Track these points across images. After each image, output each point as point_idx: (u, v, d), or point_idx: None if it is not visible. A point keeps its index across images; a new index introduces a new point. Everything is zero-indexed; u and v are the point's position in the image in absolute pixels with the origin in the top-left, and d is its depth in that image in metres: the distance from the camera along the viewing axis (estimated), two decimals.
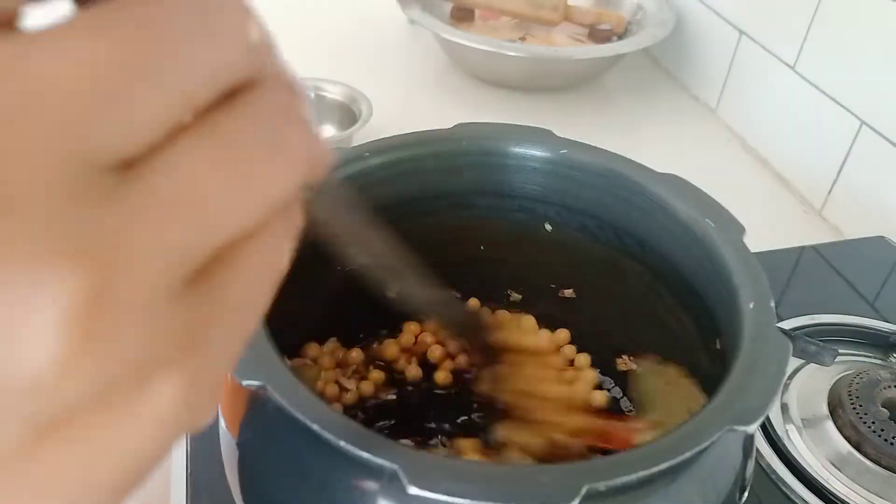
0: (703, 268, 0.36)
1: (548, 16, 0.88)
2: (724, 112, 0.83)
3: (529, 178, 0.42)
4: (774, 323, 0.31)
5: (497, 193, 0.43)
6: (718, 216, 0.36)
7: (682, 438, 0.26)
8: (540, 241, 0.44)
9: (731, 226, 0.36)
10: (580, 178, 0.41)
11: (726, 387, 0.28)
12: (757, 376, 0.29)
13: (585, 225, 0.42)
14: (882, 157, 0.62)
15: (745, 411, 0.27)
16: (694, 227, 0.37)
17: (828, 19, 0.67)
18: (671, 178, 0.39)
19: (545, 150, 0.41)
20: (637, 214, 0.40)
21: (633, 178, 0.39)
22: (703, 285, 0.37)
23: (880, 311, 0.55)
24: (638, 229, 0.40)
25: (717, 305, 0.35)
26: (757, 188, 0.73)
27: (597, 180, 0.40)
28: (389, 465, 0.24)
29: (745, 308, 0.32)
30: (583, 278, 0.44)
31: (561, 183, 0.42)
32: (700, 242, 0.36)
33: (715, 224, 0.36)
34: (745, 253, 0.35)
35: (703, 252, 0.36)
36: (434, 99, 0.85)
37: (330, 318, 0.43)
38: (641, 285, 0.41)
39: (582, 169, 0.41)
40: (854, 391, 0.44)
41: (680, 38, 0.89)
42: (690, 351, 0.38)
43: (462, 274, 0.46)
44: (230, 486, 0.33)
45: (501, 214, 0.44)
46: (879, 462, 0.42)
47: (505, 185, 0.43)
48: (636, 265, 0.41)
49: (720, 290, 0.35)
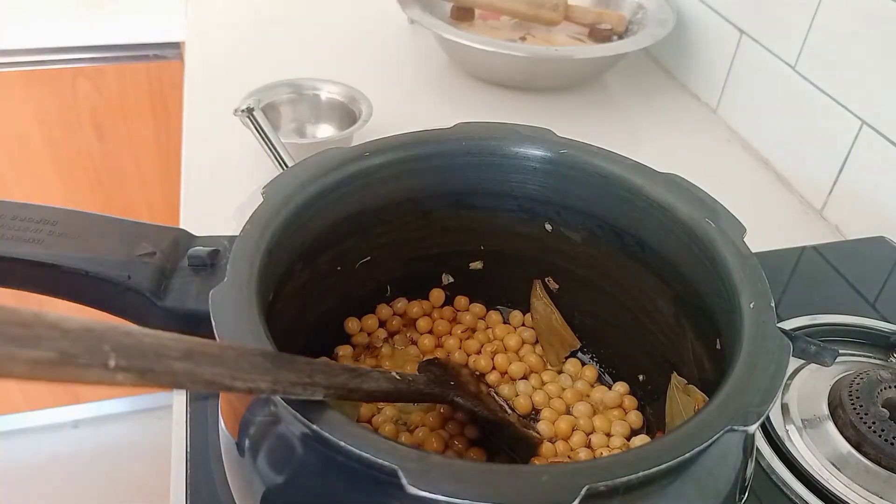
0: (703, 268, 0.36)
1: (548, 15, 0.88)
2: (724, 112, 0.83)
3: (529, 177, 0.42)
4: (775, 323, 0.31)
5: (497, 193, 0.43)
6: (719, 216, 0.36)
7: (683, 438, 0.26)
8: (540, 241, 0.44)
9: (732, 226, 0.36)
10: (580, 178, 0.41)
11: (726, 387, 0.28)
12: (757, 376, 0.29)
13: (585, 224, 0.42)
14: (883, 157, 0.62)
15: (746, 411, 0.27)
16: (694, 227, 0.37)
17: (828, 19, 0.67)
18: (671, 178, 0.39)
19: (545, 149, 0.41)
20: (637, 214, 0.40)
21: (632, 178, 0.39)
22: (703, 285, 0.36)
23: (881, 311, 0.54)
24: (638, 229, 0.40)
25: (716, 306, 0.35)
26: (757, 188, 0.73)
27: (596, 180, 0.40)
28: (389, 464, 0.24)
29: (746, 308, 0.32)
30: (582, 278, 0.44)
31: (560, 183, 0.42)
32: (700, 242, 0.36)
33: (715, 224, 0.36)
34: (746, 253, 0.34)
35: (703, 252, 0.36)
36: (434, 99, 0.85)
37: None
38: (641, 285, 0.41)
39: (581, 169, 0.41)
40: (854, 391, 0.44)
41: (680, 38, 0.89)
42: (690, 352, 0.38)
43: (462, 273, 0.47)
44: (230, 485, 0.32)
45: (501, 214, 0.44)
46: (879, 462, 0.42)
47: (505, 185, 0.43)
48: (636, 265, 0.41)
49: (720, 290, 0.34)
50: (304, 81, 0.72)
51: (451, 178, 0.42)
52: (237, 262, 0.31)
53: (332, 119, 0.73)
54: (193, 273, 0.35)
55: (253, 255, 0.32)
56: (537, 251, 0.45)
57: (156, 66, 1.01)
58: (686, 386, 0.38)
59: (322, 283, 0.41)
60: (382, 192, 0.40)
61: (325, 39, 0.95)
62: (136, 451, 1.33)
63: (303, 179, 0.36)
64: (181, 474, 0.42)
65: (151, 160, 1.09)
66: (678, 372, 0.39)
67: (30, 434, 1.38)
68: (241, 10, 1.00)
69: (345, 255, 0.41)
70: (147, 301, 0.34)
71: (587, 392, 0.44)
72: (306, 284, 0.39)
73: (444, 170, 0.42)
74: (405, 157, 0.40)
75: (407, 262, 0.45)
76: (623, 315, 0.43)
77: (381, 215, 0.42)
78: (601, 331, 0.45)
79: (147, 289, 0.34)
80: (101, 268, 0.34)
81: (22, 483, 1.32)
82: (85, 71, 1.00)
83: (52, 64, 0.99)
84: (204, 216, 0.63)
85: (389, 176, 0.40)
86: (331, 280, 0.41)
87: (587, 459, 0.26)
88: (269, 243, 0.33)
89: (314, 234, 0.38)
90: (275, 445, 0.28)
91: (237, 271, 0.31)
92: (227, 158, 0.70)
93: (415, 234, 0.44)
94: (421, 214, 0.43)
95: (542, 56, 0.80)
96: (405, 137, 0.41)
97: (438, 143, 0.41)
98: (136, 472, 1.28)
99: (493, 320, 0.47)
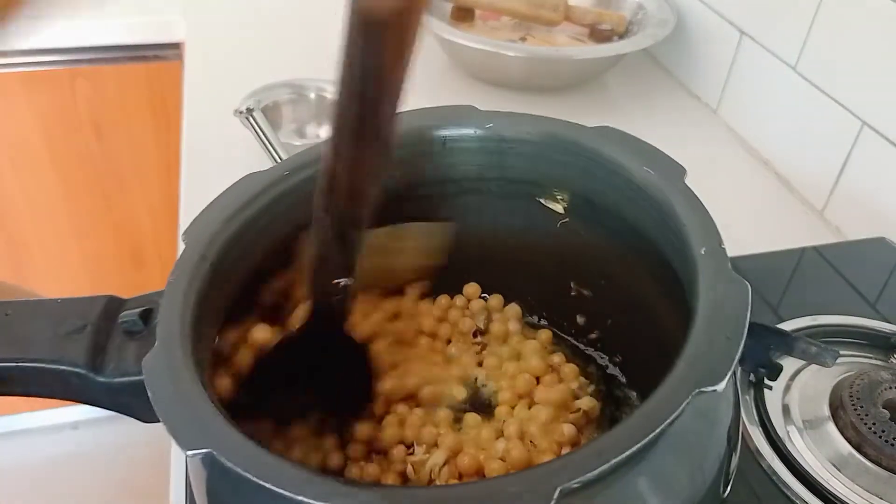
0: (650, 217, 0.35)
1: (548, 16, 0.88)
2: (724, 112, 0.83)
3: (462, 158, 0.41)
4: (727, 265, 0.29)
5: (434, 181, 0.41)
6: (657, 161, 0.35)
7: (649, 414, 0.25)
8: (487, 218, 0.43)
9: (672, 169, 0.35)
10: (512, 149, 0.40)
11: (687, 349, 0.27)
12: (717, 330, 0.27)
13: (528, 192, 0.41)
14: (883, 157, 0.62)
15: (710, 371, 0.26)
16: (634, 176, 0.35)
17: (829, 19, 0.67)
18: (604, 130, 0.38)
19: (471, 127, 0.40)
20: (576, 172, 0.39)
21: (565, 136, 0.38)
22: (654, 234, 0.35)
23: (881, 312, 0.54)
24: (581, 187, 0.39)
25: (671, 254, 0.34)
26: (758, 189, 0.73)
27: (528, 148, 0.39)
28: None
29: (698, 255, 0.30)
30: (534, 245, 0.43)
31: (494, 158, 0.40)
32: (642, 191, 0.35)
33: (655, 171, 0.35)
34: (689, 195, 0.33)
35: (647, 201, 0.35)
36: (434, 99, 0.84)
37: None
38: (595, 244, 0.40)
39: (511, 140, 0.40)
40: (855, 392, 0.44)
41: (681, 38, 0.88)
42: (651, 307, 0.37)
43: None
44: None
45: (445, 201, 0.42)
46: (880, 463, 0.42)
47: (440, 171, 0.41)
48: (588, 225, 0.40)
49: (670, 237, 0.33)
50: (304, 82, 0.72)
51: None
52: (166, 321, 0.29)
53: None
54: (129, 338, 0.32)
55: (183, 310, 0.30)
56: (487, 228, 0.44)
57: (155, 66, 1.01)
58: None
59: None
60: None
61: (325, 40, 0.94)
62: (136, 451, 1.33)
63: (225, 215, 0.34)
64: (181, 474, 0.42)
65: (151, 160, 1.09)
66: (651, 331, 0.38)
67: (30, 435, 1.38)
68: (241, 10, 1.00)
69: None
70: (86, 378, 0.31)
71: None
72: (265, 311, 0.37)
73: None
74: None
75: None
76: (581, 278, 0.42)
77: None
78: (554, 293, 0.44)
79: (83, 365, 0.31)
80: (31, 354, 0.31)
81: (22, 483, 1.32)
82: (84, 72, 1.00)
83: (51, 65, 0.99)
84: None
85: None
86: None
87: (554, 459, 0.25)
88: (199, 293, 0.31)
89: (248, 271, 0.36)
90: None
91: (167, 331, 0.29)
92: (227, 159, 0.69)
93: None
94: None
95: (542, 56, 0.80)
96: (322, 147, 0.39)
97: None
98: (136, 472, 1.28)
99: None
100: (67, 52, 0.99)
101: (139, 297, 0.34)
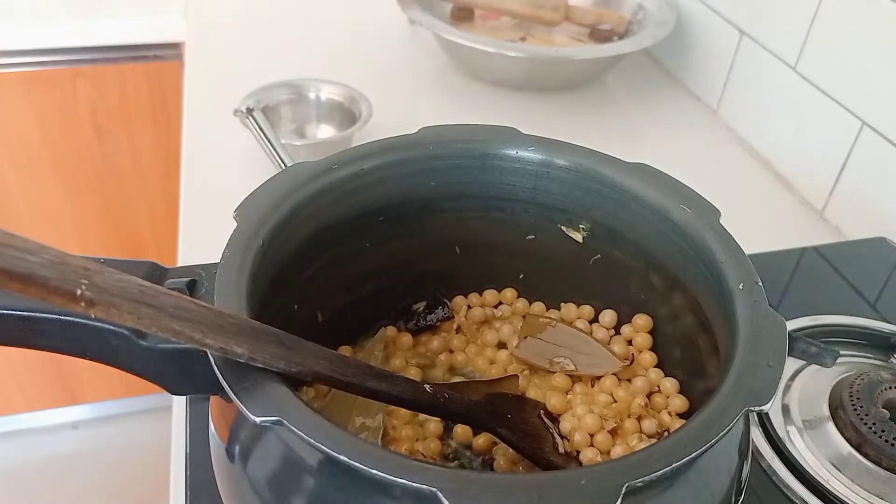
0: (684, 254, 0.36)
1: (548, 16, 0.88)
2: (724, 112, 0.83)
3: (498, 177, 0.41)
4: (766, 301, 0.31)
5: (466, 196, 0.42)
6: (693, 201, 0.36)
7: (705, 424, 0.26)
8: (513, 240, 0.44)
9: (707, 210, 0.36)
10: (549, 174, 0.40)
11: (734, 370, 0.28)
12: (761, 355, 0.29)
13: (554, 219, 0.42)
14: (883, 157, 0.62)
15: (758, 391, 0.27)
16: (670, 214, 0.36)
17: (829, 19, 0.67)
18: (641, 168, 0.38)
19: (512, 148, 0.40)
20: (611, 206, 0.39)
21: (602, 170, 0.39)
22: (686, 272, 0.36)
23: (881, 311, 0.54)
24: (612, 220, 0.40)
25: (704, 291, 0.35)
26: (758, 189, 0.73)
27: (566, 175, 0.40)
28: (428, 488, 0.23)
29: (735, 290, 0.32)
30: (557, 274, 0.44)
31: (529, 181, 0.41)
32: (678, 229, 0.36)
33: (691, 210, 0.36)
34: (725, 235, 0.34)
35: (682, 239, 0.36)
36: (434, 99, 0.85)
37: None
38: (627, 276, 0.41)
39: (550, 165, 0.40)
40: (855, 392, 0.44)
41: (681, 38, 0.89)
42: (688, 338, 0.38)
43: (436, 276, 0.46)
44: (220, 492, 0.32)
45: (472, 216, 0.43)
46: (880, 463, 0.42)
47: (474, 187, 0.42)
48: (621, 256, 0.41)
49: (705, 274, 0.34)
50: (303, 82, 0.72)
51: (418, 184, 0.41)
52: (223, 289, 0.30)
53: (332, 120, 0.73)
54: None
55: (237, 281, 0.30)
56: (512, 250, 0.44)
57: (155, 66, 1.01)
58: None
59: (315, 296, 0.40)
60: (351, 203, 0.39)
61: (325, 40, 0.95)
62: (135, 451, 1.33)
63: (274, 199, 0.35)
64: (181, 474, 0.42)
65: (151, 160, 1.09)
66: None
67: (29, 435, 1.38)
68: (241, 10, 1.00)
69: (333, 265, 0.40)
70: (128, 340, 0.30)
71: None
72: (297, 297, 0.38)
73: (411, 176, 0.40)
74: (371, 167, 0.39)
75: (405, 272, 0.44)
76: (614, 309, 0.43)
77: (352, 225, 0.40)
78: None
79: (126, 327, 0.30)
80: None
81: (22, 483, 1.32)
82: (84, 72, 1.00)
83: (51, 65, 0.99)
84: (204, 217, 0.63)
85: (358, 187, 0.39)
86: (322, 289, 0.40)
87: (620, 457, 0.26)
88: (252, 267, 0.32)
89: (295, 249, 0.37)
90: (296, 478, 0.28)
91: (224, 299, 0.29)
92: (227, 159, 0.69)
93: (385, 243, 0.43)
94: (390, 222, 0.42)
95: (542, 56, 0.80)
96: (370, 146, 0.39)
97: (404, 149, 0.40)
98: (136, 472, 1.28)
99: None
100: (68, 52, 0.99)
101: (181, 268, 0.34)
